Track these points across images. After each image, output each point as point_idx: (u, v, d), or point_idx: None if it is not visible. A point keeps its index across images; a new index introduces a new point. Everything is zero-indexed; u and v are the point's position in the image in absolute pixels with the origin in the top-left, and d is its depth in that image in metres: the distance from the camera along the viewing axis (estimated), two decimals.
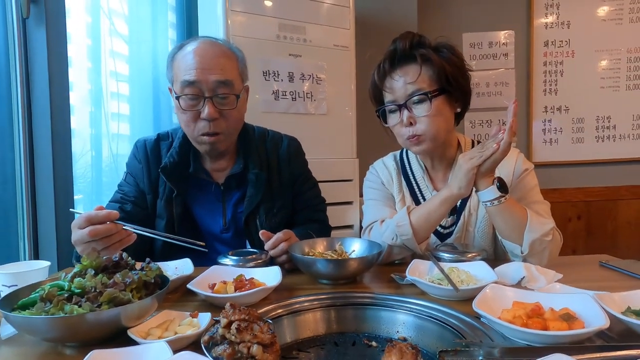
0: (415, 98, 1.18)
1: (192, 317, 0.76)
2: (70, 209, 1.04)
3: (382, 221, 1.24)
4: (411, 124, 1.20)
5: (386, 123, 1.28)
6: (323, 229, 1.43)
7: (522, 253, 1.11)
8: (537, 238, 1.09)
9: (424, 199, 1.33)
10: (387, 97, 1.24)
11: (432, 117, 1.18)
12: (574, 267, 1.15)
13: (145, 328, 0.73)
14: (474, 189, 1.13)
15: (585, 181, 3.07)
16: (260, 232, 1.14)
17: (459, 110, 1.27)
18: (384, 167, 1.41)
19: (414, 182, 1.36)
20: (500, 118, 3.06)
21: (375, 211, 1.33)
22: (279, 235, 1.13)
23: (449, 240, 1.28)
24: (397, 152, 1.46)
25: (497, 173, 1.27)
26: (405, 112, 1.19)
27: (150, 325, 0.74)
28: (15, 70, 1.50)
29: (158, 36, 2.29)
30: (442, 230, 1.31)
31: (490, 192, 1.08)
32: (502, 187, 1.09)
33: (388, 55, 1.23)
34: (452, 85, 1.20)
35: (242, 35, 1.95)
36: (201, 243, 1.02)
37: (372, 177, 1.43)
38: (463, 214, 1.28)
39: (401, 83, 1.19)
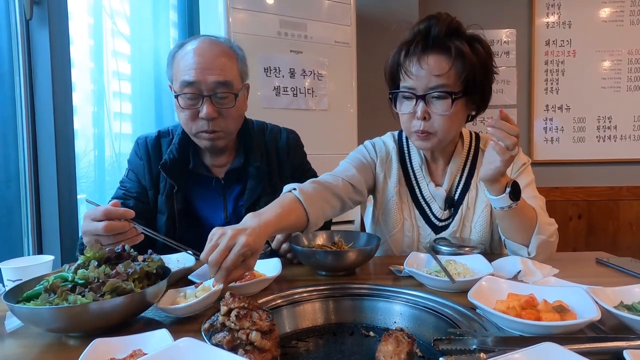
0: (436, 94, 1.10)
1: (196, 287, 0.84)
2: (86, 200, 1.05)
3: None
4: (425, 118, 1.12)
5: (396, 107, 1.20)
6: None
7: (529, 255, 1.09)
8: (545, 239, 1.08)
9: (420, 191, 1.30)
10: (407, 81, 1.14)
11: (448, 118, 1.11)
12: (571, 263, 1.15)
13: (169, 302, 0.80)
14: (486, 191, 1.07)
15: (587, 181, 3.07)
16: None
17: (473, 113, 1.23)
18: (384, 146, 1.35)
19: (411, 172, 1.32)
20: None
21: (343, 165, 1.29)
22: (278, 237, 1.16)
23: (444, 234, 1.27)
24: (396, 133, 1.38)
25: None
26: (422, 105, 1.11)
27: (172, 299, 0.81)
28: (19, 71, 1.52)
29: (160, 35, 2.31)
30: (437, 223, 1.29)
31: (501, 200, 1.02)
32: (515, 193, 1.02)
33: (421, 37, 1.12)
34: (477, 88, 1.13)
35: (244, 33, 1.97)
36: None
37: (364, 149, 1.36)
38: (460, 208, 1.26)
39: (427, 72, 1.10)
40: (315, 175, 1.51)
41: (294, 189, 1.10)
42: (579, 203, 3.07)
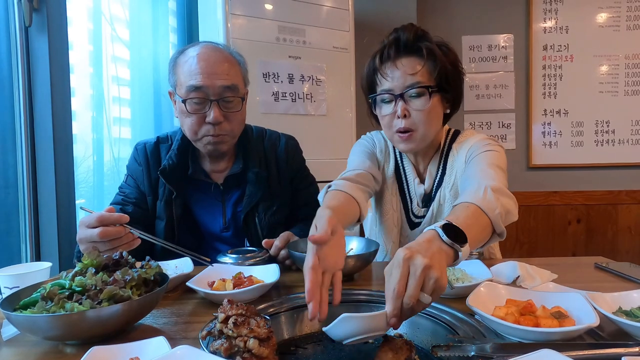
0: (413, 91, 1.15)
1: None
2: (81, 207, 1.05)
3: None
4: (405, 116, 1.16)
5: (375, 112, 1.25)
6: None
7: (500, 237, 0.94)
8: (496, 214, 0.90)
9: (407, 186, 1.34)
10: (384, 84, 1.19)
11: (427, 113, 1.16)
12: (570, 268, 1.15)
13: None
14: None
15: (585, 185, 3.07)
16: (263, 241, 1.17)
17: (448, 111, 1.25)
18: (382, 138, 1.40)
19: (401, 167, 1.36)
20: (499, 120, 3.08)
21: (356, 160, 1.31)
22: (277, 244, 1.16)
23: (418, 230, 1.29)
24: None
25: (453, 166, 1.25)
26: (401, 103, 1.16)
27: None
28: (18, 77, 1.52)
29: (159, 40, 2.32)
30: (414, 219, 1.32)
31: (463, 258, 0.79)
32: (456, 236, 0.77)
33: (392, 43, 1.18)
34: (450, 85, 1.18)
35: (242, 38, 1.98)
36: (207, 259, 1.03)
37: (364, 142, 1.40)
38: (432, 205, 1.27)
39: (402, 72, 1.15)
40: (313, 180, 1.51)
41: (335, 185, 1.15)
42: (578, 207, 3.07)
